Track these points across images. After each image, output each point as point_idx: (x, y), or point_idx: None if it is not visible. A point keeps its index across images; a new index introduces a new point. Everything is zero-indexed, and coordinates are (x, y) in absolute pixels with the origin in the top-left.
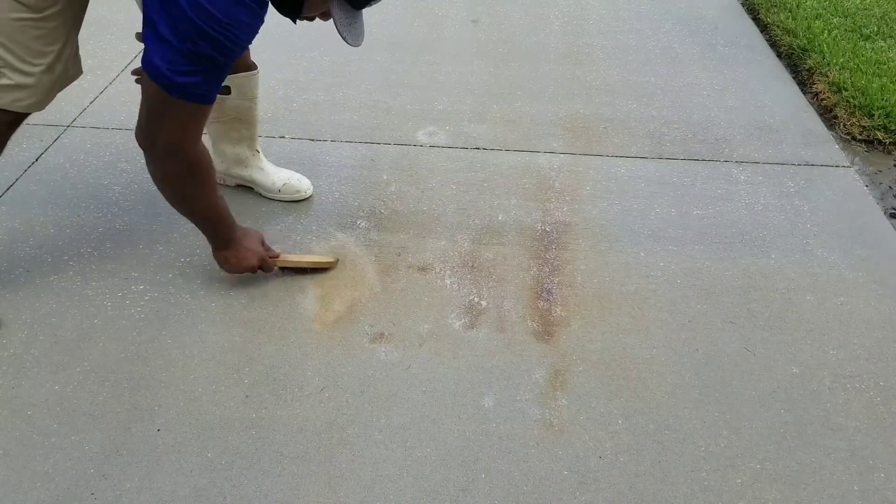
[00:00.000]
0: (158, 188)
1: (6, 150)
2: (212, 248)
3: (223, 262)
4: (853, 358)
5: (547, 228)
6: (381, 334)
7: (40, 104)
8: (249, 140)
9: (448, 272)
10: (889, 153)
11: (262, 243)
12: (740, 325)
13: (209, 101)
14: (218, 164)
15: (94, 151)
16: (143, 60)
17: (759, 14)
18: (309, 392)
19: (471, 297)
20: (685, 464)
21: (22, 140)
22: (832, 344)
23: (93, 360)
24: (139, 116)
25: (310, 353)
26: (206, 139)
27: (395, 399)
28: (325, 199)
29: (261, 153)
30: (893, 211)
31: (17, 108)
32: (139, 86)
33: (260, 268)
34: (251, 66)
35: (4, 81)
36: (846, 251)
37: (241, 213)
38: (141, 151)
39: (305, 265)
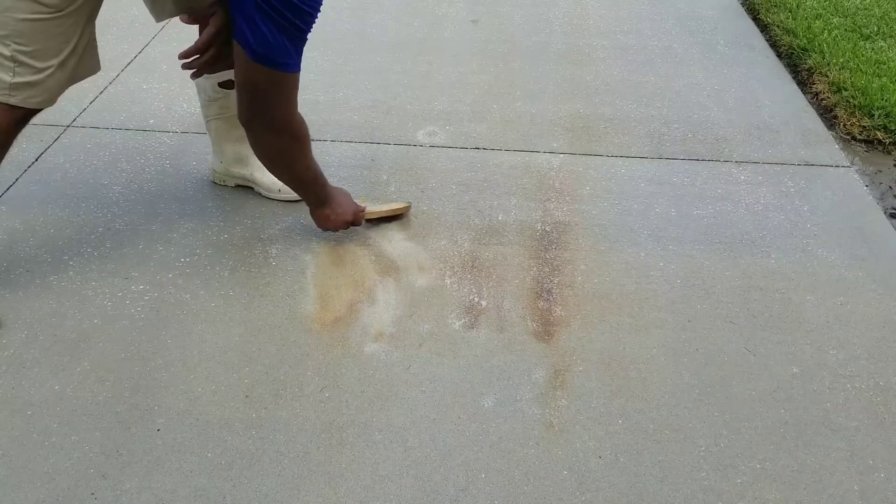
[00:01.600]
0: (263, 160)
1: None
2: (311, 209)
3: (325, 220)
4: (853, 358)
5: (547, 228)
6: (381, 334)
7: (52, 100)
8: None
9: (448, 272)
10: (889, 153)
11: (352, 199)
12: (740, 325)
13: (299, 68)
14: (217, 165)
15: (94, 151)
16: (248, 46)
17: (759, 14)
18: (309, 392)
19: (471, 297)
20: (685, 464)
21: (22, 140)
22: (832, 344)
23: (93, 360)
24: (243, 102)
25: (310, 353)
26: (206, 139)
27: (395, 399)
28: None
29: None
30: (893, 211)
31: (30, 104)
32: (139, 84)
33: (353, 222)
34: None
35: (18, 79)
36: (846, 251)
37: (241, 212)
38: (141, 150)
39: (387, 214)
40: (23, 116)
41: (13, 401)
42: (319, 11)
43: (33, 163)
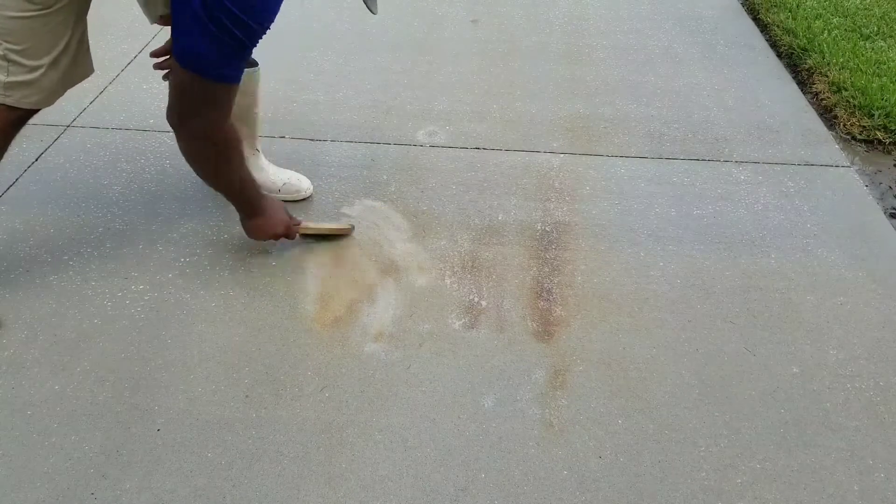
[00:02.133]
0: (191, 165)
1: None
2: (240, 217)
3: (253, 230)
4: (853, 358)
5: (547, 228)
6: (381, 334)
7: (48, 100)
8: (249, 139)
9: (448, 272)
10: (889, 153)
11: (286, 212)
12: (740, 325)
13: (238, 80)
14: None
15: (94, 151)
16: (176, 50)
17: (759, 14)
18: (309, 392)
19: (471, 297)
20: (685, 464)
21: (22, 140)
22: (832, 344)
23: (93, 360)
24: (172, 100)
25: (310, 353)
26: None
27: (395, 399)
28: (325, 199)
29: (261, 153)
30: (893, 211)
31: (25, 104)
32: (139, 84)
33: (285, 235)
34: (252, 63)
35: (13, 79)
36: (846, 251)
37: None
38: (141, 150)
39: (325, 231)
40: (20, 117)
41: (13, 401)
42: (268, 28)
43: (33, 163)
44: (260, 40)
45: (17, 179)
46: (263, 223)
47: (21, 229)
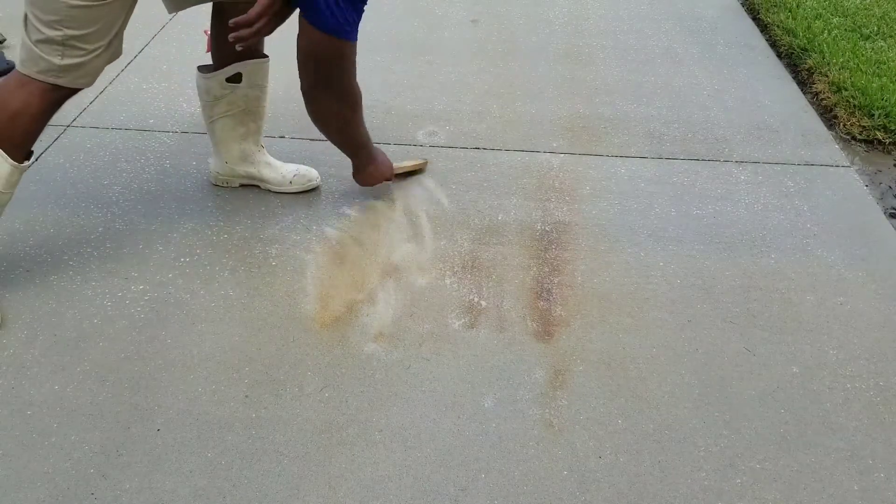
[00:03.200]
0: (325, 125)
1: None
2: (357, 168)
3: (369, 177)
4: (853, 358)
5: (547, 228)
6: (381, 334)
7: (94, 80)
8: (255, 134)
9: (448, 272)
10: (889, 153)
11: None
12: (740, 325)
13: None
14: (221, 166)
15: (94, 151)
16: (317, 22)
17: (759, 14)
18: (309, 392)
19: (471, 297)
20: (685, 464)
21: None
22: (832, 344)
23: (93, 360)
24: (308, 71)
25: (310, 353)
26: (206, 139)
27: (395, 399)
28: (325, 198)
29: (265, 148)
30: (893, 211)
31: (77, 84)
32: (139, 84)
33: (388, 177)
34: (262, 55)
35: (67, 62)
36: (846, 251)
37: (241, 212)
38: (141, 150)
39: (409, 168)
40: (63, 97)
41: (13, 401)
42: None
43: (33, 163)
44: None
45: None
46: (376, 169)
47: (21, 229)
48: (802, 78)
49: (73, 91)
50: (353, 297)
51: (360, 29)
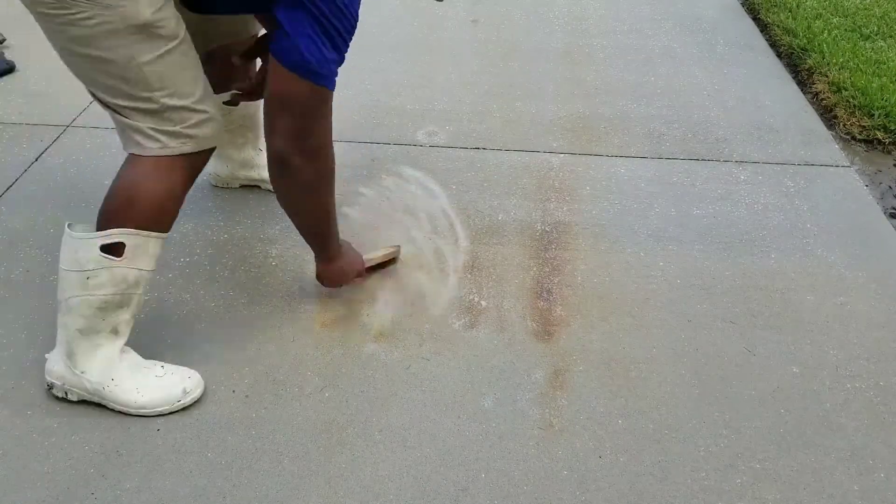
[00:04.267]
0: (296, 199)
1: (6, 150)
2: (319, 264)
3: (334, 275)
4: (853, 358)
5: (547, 228)
6: (381, 334)
7: (217, 130)
8: (254, 140)
9: (448, 272)
10: (889, 153)
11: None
12: (740, 325)
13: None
14: (222, 169)
15: (94, 151)
16: (287, 62)
17: (759, 14)
18: (309, 392)
19: (471, 297)
20: (685, 464)
21: (22, 140)
22: (832, 344)
23: None
24: (282, 128)
25: (310, 353)
26: None
27: (395, 399)
28: None
29: (263, 151)
30: (893, 211)
31: (206, 143)
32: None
33: (359, 275)
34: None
35: (180, 127)
36: (846, 251)
37: (241, 212)
38: None
39: (384, 259)
40: (200, 162)
41: (13, 401)
42: (356, 17)
43: (33, 163)
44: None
45: (17, 179)
46: (343, 266)
47: (21, 229)
48: (802, 78)
49: (207, 153)
50: (353, 297)
51: (360, 29)
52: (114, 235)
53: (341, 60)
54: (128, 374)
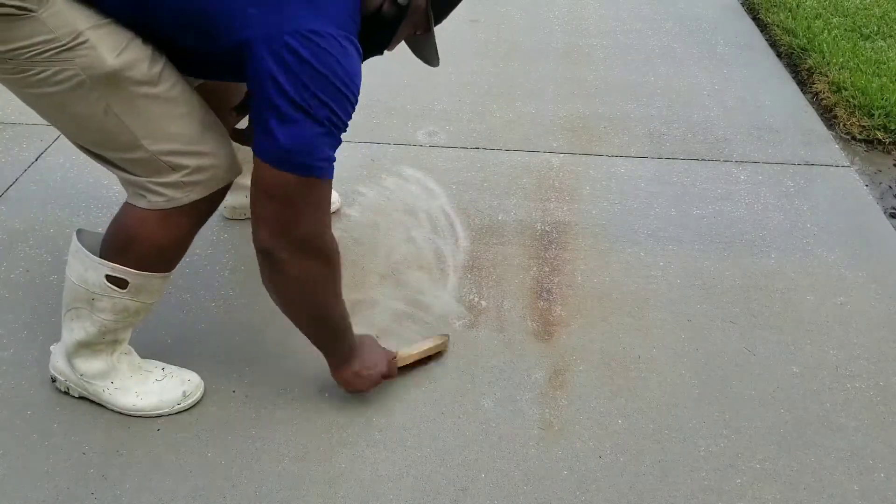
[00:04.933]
0: (292, 299)
1: (6, 150)
2: (335, 368)
3: (355, 380)
4: (853, 358)
5: (547, 228)
6: (381, 334)
7: (226, 176)
8: None
9: (448, 272)
10: (889, 153)
11: (377, 343)
12: (740, 325)
13: (333, 173)
14: (237, 200)
15: None
16: (264, 153)
17: (758, 14)
18: (309, 392)
19: (471, 297)
20: (685, 464)
21: (22, 140)
22: (832, 344)
23: None
24: (260, 220)
25: (310, 352)
26: None
27: (395, 399)
28: None
29: None
30: (893, 211)
31: (208, 188)
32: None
33: (388, 375)
34: None
35: (181, 175)
36: (846, 251)
37: (239, 219)
38: None
39: (424, 354)
40: (206, 210)
41: (13, 401)
42: (355, 101)
43: (33, 163)
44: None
45: (17, 179)
46: (360, 370)
47: (21, 229)
48: (802, 78)
49: (221, 193)
50: (353, 297)
51: None
52: (118, 270)
53: (337, 144)
54: (127, 378)
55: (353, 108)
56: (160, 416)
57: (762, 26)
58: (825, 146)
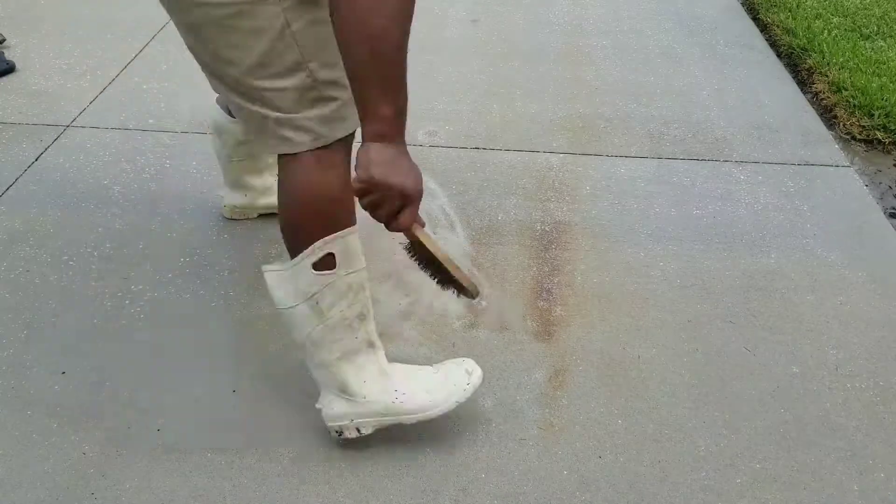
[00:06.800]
0: (385, 34)
1: (6, 150)
2: (369, 133)
3: (370, 166)
4: (853, 358)
5: (547, 228)
6: (381, 334)
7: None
8: (273, 166)
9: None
10: (889, 153)
11: None
12: (740, 325)
13: None
14: (239, 199)
15: (94, 151)
16: None
17: (758, 14)
18: (309, 392)
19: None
20: (685, 464)
21: (22, 140)
22: (832, 344)
23: (93, 360)
24: None
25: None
26: (206, 138)
27: None
28: None
29: None
30: (893, 211)
31: (356, 125)
32: (139, 84)
33: (403, 206)
34: None
35: (333, 107)
36: (846, 251)
37: (239, 219)
38: (141, 150)
39: (439, 257)
40: (353, 141)
41: (13, 401)
42: None
43: (33, 163)
44: None
45: (17, 179)
46: (398, 158)
47: (21, 229)
48: (802, 78)
49: (351, 144)
50: None
51: None
52: (317, 250)
53: None
54: (408, 381)
55: None
56: (457, 404)
57: (762, 26)
58: (825, 146)
